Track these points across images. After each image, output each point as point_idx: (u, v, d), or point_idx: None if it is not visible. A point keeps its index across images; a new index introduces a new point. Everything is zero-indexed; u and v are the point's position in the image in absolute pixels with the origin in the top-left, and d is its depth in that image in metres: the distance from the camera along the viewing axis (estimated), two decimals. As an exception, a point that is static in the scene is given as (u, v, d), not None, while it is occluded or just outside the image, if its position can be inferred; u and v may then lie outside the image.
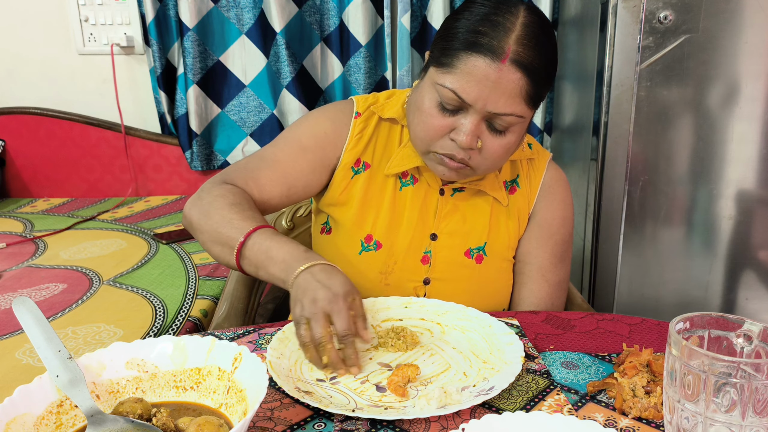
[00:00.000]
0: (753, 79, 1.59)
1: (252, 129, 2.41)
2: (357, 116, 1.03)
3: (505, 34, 0.83)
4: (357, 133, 1.02)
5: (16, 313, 0.67)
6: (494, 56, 0.83)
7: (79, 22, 2.40)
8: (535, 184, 1.06)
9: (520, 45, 0.83)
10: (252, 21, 2.28)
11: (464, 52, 0.84)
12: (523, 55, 0.83)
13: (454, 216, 1.02)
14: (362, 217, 1.01)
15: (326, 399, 0.69)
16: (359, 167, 1.02)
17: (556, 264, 1.05)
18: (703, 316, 0.59)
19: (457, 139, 0.87)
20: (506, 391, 0.71)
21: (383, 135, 1.03)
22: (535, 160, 1.07)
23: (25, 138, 2.47)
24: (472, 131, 0.86)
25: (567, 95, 2.17)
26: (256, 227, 0.88)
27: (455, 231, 1.02)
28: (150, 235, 1.97)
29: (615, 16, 1.59)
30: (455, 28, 0.86)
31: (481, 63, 0.83)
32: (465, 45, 0.84)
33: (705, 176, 1.67)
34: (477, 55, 0.83)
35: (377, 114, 1.03)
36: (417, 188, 1.02)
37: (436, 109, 0.88)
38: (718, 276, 1.74)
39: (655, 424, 0.65)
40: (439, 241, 1.02)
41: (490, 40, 0.83)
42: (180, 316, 1.41)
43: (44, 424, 0.59)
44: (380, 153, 1.03)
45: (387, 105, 1.03)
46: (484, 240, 1.02)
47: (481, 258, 1.02)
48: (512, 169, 1.06)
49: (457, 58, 0.85)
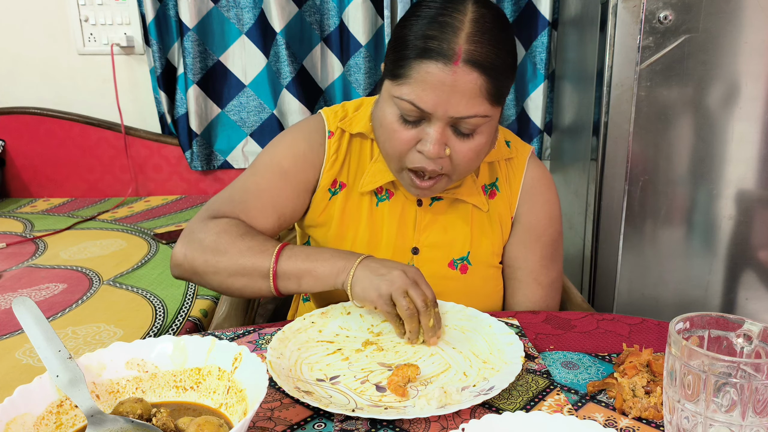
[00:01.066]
0: (753, 79, 1.59)
1: (252, 129, 2.41)
2: (330, 136, 1.00)
3: (454, 34, 0.80)
4: (332, 153, 0.99)
5: (16, 313, 0.67)
6: (446, 59, 0.79)
7: (79, 22, 2.40)
8: (515, 186, 1.02)
9: (471, 43, 0.80)
10: (252, 21, 2.28)
11: (415, 60, 0.81)
12: (475, 53, 0.80)
13: (434, 227, 1.00)
14: (341, 237, 1.00)
15: (326, 399, 0.69)
16: (336, 188, 1.00)
17: (546, 266, 1.03)
18: (703, 316, 0.59)
19: (424, 149, 0.84)
20: (506, 391, 0.71)
21: (355, 152, 1.01)
22: (513, 159, 1.03)
23: (25, 138, 2.47)
24: (438, 140, 0.83)
25: (567, 95, 2.17)
26: (283, 245, 0.90)
27: (436, 243, 1.00)
28: (150, 235, 1.97)
29: (615, 16, 1.59)
30: (404, 36, 0.83)
31: (433, 68, 0.80)
32: (415, 52, 0.81)
33: (705, 176, 1.67)
34: (429, 61, 0.80)
35: (347, 131, 1.00)
36: (393, 203, 0.99)
37: (397, 122, 0.85)
38: (718, 276, 1.74)
39: (655, 424, 0.65)
40: (421, 255, 1.00)
41: (440, 44, 0.80)
42: (180, 316, 1.41)
43: (44, 424, 0.59)
44: (354, 170, 1.00)
45: (355, 119, 1.00)
46: (467, 249, 1.00)
47: (466, 268, 1.00)
48: (490, 172, 1.02)
49: (410, 68, 0.81)
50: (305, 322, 0.85)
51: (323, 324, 0.86)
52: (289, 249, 0.89)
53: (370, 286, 0.82)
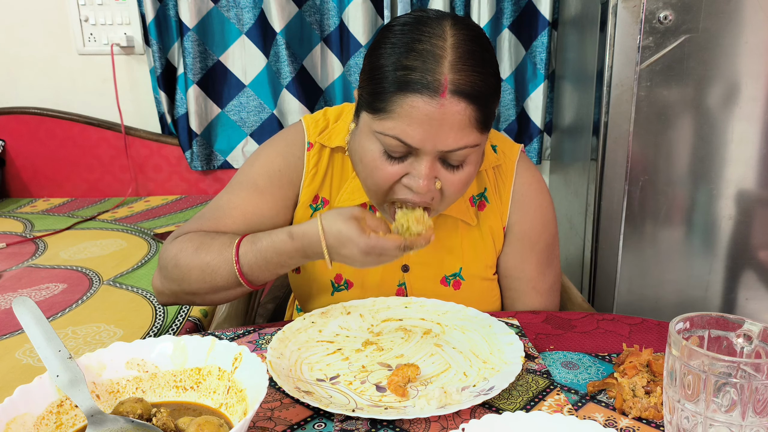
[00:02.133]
0: (753, 79, 1.59)
1: (252, 129, 2.41)
2: (309, 147, 0.95)
3: (437, 63, 0.74)
4: (312, 167, 0.95)
5: (16, 313, 0.67)
6: (431, 92, 0.74)
7: (79, 22, 2.40)
8: (505, 195, 0.98)
9: (456, 72, 0.74)
10: (252, 21, 2.28)
11: (397, 93, 0.75)
12: (462, 82, 0.74)
13: None
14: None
15: (326, 399, 0.69)
16: (318, 203, 0.96)
17: (543, 272, 1.01)
18: (703, 316, 0.59)
19: (413, 185, 0.79)
20: (506, 391, 0.71)
21: (338, 166, 0.96)
22: (502, 166, 0.98)
23: (25, 138, 2.47)
24: (427, 174, 0.78)
25: (567, 95, 2.17)
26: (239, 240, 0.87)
27: (427, 260, 0.96)
28: (150, 235, 1.97)
29: (615, 16, 1.59)
30: (380, 66, 0.77)
31: (419, 102, 0.74)
32: (396, 86, 0.75)
33: (705, 176, 1.67)
34: (413, 95, 0.74)
35: (327, 146, 0.95)
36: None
37: (381, 158, 0.80)
38: (718, 276, 1.74)
39: (655, 424, 0.65)
40: (412, 272, 0.97)
41: (423, 75, 0.74)
42: (180, 316, 1.41)
43: (44, 424, 0.59)
44: (337, 186, 0.96)
45: (335, 131, 0.95)
46: (458, 266, 0.97)
47: (459, 284, 0.98)
48: (478, 182, 0.98)
49: (392, 102, 0.76)
50: (305, 322, 0.85)
51: (323, 324, 0.86)
52: (245, 241, 0.87)
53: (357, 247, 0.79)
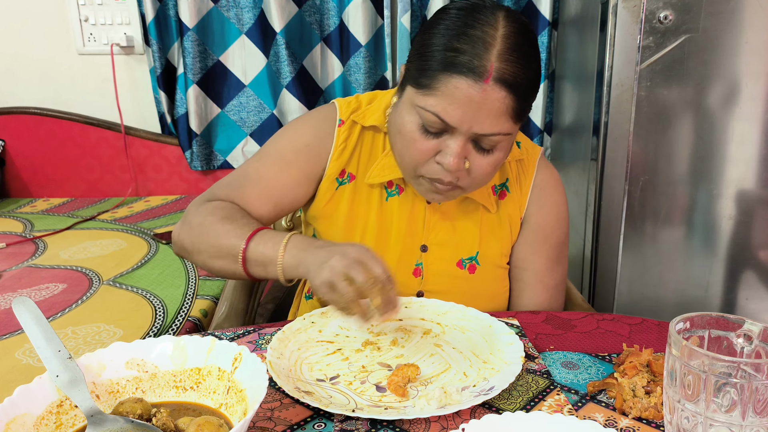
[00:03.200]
0: (753, 79, 1.59)
1: (252, 129, 2.41)
2: (341, 124, 0.99)
3: (486, 50, 0.78)
4: (341, 142, 0.98)
5: (16, 313, 0.67)
6: (476, 76, 0.78)
7: (79, 22, 2.40)
8: (525, 187, 1.02)
9: (502, 61, 0.78)
10: (252, 21, 2.28)
11: (443, 73, 0.79)
12: (506, 72, 0.78)
13: (443, 226, 0.99)
14: (350, 230, 0.99)
15: (326, 399, 0.69)
16: (344, 178, 0.99)
17: (552, 267, 1.04)
18: (703, 316, 0.59)
19: (444, 162, 0.84)
20: (506, 391, 0.71)
21: (367, 144, 1.00)
22: (524, 160, 1.03)
23: (25, 138, 2.47)
24: (458, 153, 0.82)
25: (567, 95, 2.17)
26: (256, 230, 0.88)
27: (445, 241, 0.99)
28: (150, 235, 1.97)
29: (615, 16, 1.59)
30: (431, 45, 0.81)
31: (462, 84, 0.78)
32: (443, 65, 0.79)
33: (705, 176, 1.67)
34: (458, 76, 0.78)
35: (359, 123, 0.99)
36: (403, 198, 0.99)
37: (418, 132, 0.84)
38: (718, 276, 1.74)
39: (655, 424, 0.65)
40: (430, 253, 0.99)
41: (470, 59, 0.78)
42: (180, 316, 1.41)
43: (44, 424, 0.59)
44: (365, 163, 0.99)
45: (368, 111, 0.99)
46: (476, 249, 1.00)
47: (474, 268, 1.00)
48: (501, 172, 1.02)
49: (437, 80, 0.80)
50: (305, 322, 0.85)
51: (323, 324, 0.86)
52: (259, 235, 0.87)
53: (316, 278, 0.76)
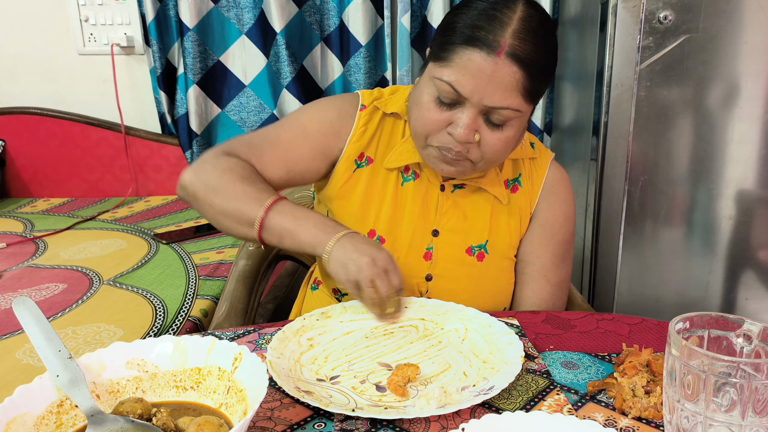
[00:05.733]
0: (753, 79, 1.59)
1: (252, 129, 2.41)
2: (362, 108, 1.03)
3: (502, 28, 0.84)
4: (362, 125, 1.02)
5: (16, 313, 0.67)
6: (490, 50, 0.84)
7: (79, 22, 2.40)
8: (537, 183, 1.06)
9: (516, 39, 0.84)
10: (252, 21, 2.28)
11: (461, 46, 0.85)
12: (519, 48, 0.84)
13: (454, 212, 1.02)
14: (365, 211, 1.02)
15: (326, 399, 0.69)
16: (362, 161, 1.03)
17: (557, 264, 1.05)
18: (703, 316, 0.59)
19: (454, 132, 0.88)
20: (506, 391, 0.71)
21: (387, 130, 1.04)
22: (537, 159, 1.07)
23: (25, 138, 2.47)
24: (469, 125, 0.87)
25: (567, 95, 2.17)
26: (277, 199, 0.92)
27: (456, 228, 1.02)
28: (150, 235, 1.97)
29: (615, 16, 1.59)
30: (454, 23, 0.88)
31: (476, 56, 0.84)
32: (462, 39, 0.85)
33: (705, 176, 1.67)
34: (473, 49, 0.84)
35: (381, 109, 1.03)
36: (418, 184, 1.02)
37: (433, 103, 0.89)
38: (718, 276, 1.74)
39: (655, 424, 0.65)
40: (441, 238, 1.02)
41: (486, 34, 0.84)
42: (180, 316, 1.41)
43: (44, 424, 0.59)
44: (384, 148, 1.03)
45: (391, 100, 1.04)
46: (485, 238, 1.02)
47: (483, 256, 1.02)
48: (514, 167, 1.06)
49: (454, 53, 0.86)
50: (305, 322, 0.85)
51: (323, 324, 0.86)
52: (281, 204, 0.92)
53: (341, 269, 0.86)
